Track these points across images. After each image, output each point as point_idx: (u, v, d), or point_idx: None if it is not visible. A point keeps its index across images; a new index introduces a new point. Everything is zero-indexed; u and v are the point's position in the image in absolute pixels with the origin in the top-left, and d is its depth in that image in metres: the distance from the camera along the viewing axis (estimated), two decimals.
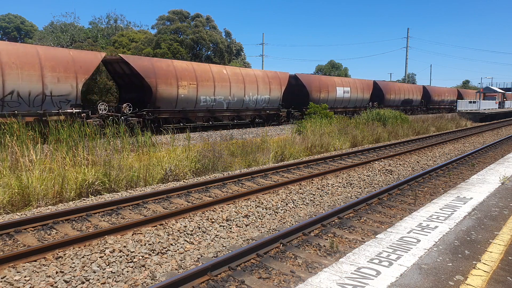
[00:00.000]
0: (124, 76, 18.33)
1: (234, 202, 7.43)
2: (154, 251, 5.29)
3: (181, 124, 18.30)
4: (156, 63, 17.43)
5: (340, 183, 9.62)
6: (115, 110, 16.96)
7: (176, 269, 4.89)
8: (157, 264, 4.98)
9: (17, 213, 6.57)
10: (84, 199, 7.56)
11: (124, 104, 16.65)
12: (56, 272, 4.56)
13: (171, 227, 6.05)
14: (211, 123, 20.12)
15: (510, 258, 3.62)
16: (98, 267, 4.74)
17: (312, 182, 9.35)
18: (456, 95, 49.94)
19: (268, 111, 23.69)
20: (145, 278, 4.60)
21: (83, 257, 4.94)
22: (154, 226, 6.02)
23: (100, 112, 15.85)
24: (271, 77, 23.79)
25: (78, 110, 14.70)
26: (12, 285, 4.27)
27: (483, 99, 43.91)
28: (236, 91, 20.90)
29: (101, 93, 24.03)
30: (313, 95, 26.46)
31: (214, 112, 20.19)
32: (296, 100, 26.68)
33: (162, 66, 17.48)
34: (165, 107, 17.79)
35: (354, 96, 30.97)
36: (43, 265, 4.72)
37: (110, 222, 6.31)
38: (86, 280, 4.46)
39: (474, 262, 3.51)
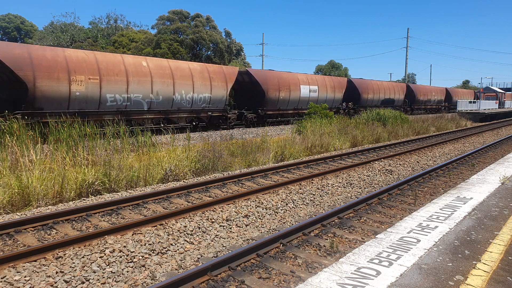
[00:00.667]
0: None
1: (234, 202, 7.43)
2: (154, 251, 5.29)
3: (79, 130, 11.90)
4: (36, 52, 13.50)
5: (340, 183, 9.62)
6: None
7: (176, 269, 4.89)
8: (157, 264, 4.98)
9: (17, 213, 6.57)
10: (84, 199, 7.56)
11: None
12: (56, 272, 4.57)
13: (171, 227, 6.05)
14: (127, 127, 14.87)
15: (510, 258, 3.62)
16: (98, 267, 4.74)
17: (312, 182, 9.35)
18: (444, 95, 46.54)
19: (210, 113, 19.64)
20: (145, 278, 4.61)
21: (83, 257, 4.94)
22: (154, 226, 6.02)
23: None
24: (213, 71, 19.72)
25: None
26: (12, 285, 4.27)
27: (477, 99, 43.63)
28: (162, 88, 17.08)
29: None
30: (270, 94, 22.90)
31: (129, 113, 16.11)
32: (250, 100, 23.11)
33: (45, 56, 13.55)
34: (51, 108, 13.67)
35: (323, 96, 27.30)
36: (43, 265, 4.72)
37: (110, 222, 6.31)
38: (86, 280, 4.46)
39: (474, 262, 3.51)
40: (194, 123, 19.25)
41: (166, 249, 5.40)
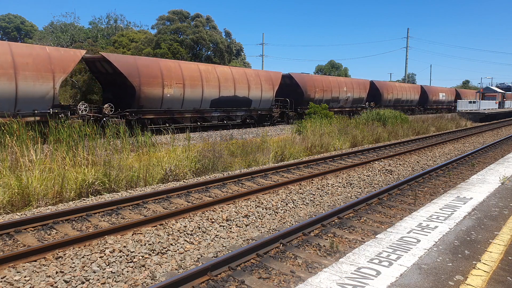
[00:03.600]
0: None
1: (234, 202, 7.43)
2: (154, 251, 5.29)
3: None
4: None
5: (340, 183, 9.61)
6: None
7: (176, 269, 4.89)
8: (157, 264, 4.98)
9: (17, 213, 6.57)
10: (84, 199, 7.56)
11: None
12: (56, 272, 4.56)
13: (171, 227, 6.05)
14: None
15: (510, 258, 3.62)
16: (98, 267, 4.74)
17: (312, 182, 9.34)
18: (366, 91, 32.42)
19: None
20: (145, 278, 4.60)
21: (83, 257, 4.94)
22: (154, 226, 6.02)
23: None
24: None
25: None
26: (12, 285, 4.27)
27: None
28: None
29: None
30: None
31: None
32: None
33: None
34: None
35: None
36: (43, 265, 4.72)
37: (110, 222, 6.31)
38: (86, 280, 4.46)
39: (474, 262, 3.51)
40: None
41: (166, 249, 5.40)
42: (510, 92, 55.96)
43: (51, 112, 14.21)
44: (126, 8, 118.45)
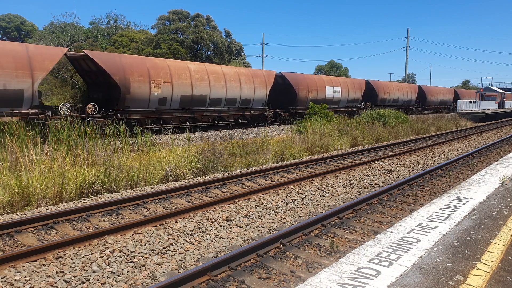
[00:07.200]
0: None
1: (234, 202, 7.43)
2: (154, 251, 5.29)
3: None
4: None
5: (340, 183, 9.61)
6: None
7: (176, 269, 4.89)
8: (157, 264, 4.98)
9: (17, 213, 6.57)
10: (84, 199, 7.56)
11: None
12: (56, 272, 4.56)
13: (171, 227, 6.05)
14: None
15: (510, 258, 3.62)
16: (98, 267, 4.74)
17: (312, 182, 9.34)
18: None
19: None
20: (145, 278, 4.60)
21: (83, 257, 4.94)
22: (154, 226, 6.02)
23: None
24: None
25: None
26: (12, 285, 4.27)
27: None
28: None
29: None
30: None
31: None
32: None
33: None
34: None
35: None
36: (43, 265, 4.72)
37: (110, 222, 6.31)
38: (86, 280, 4.46)
39: (474, 262, 3.51)
40: None
41: (166, 249, 5.40)
42: (510, 92, 55.85)
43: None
44: (126, 8, 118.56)
